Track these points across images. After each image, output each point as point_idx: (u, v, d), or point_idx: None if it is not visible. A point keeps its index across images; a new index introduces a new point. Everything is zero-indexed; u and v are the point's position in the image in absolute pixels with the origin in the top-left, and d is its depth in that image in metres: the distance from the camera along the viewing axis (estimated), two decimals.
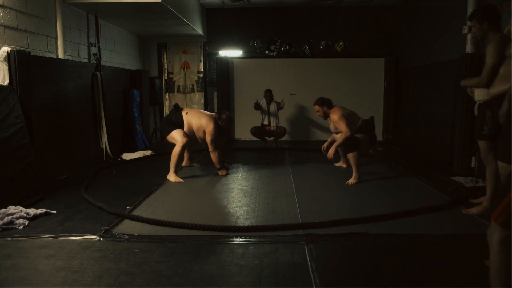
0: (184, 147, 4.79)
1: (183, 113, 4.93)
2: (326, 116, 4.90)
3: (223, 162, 5.12)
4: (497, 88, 3.04)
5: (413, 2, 7.18)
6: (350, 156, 4.59)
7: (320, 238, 2.91)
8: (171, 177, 4.72)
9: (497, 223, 1.69)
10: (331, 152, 4.65)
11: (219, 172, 5.03)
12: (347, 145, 4.61)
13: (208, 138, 4.84)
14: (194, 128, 4.89)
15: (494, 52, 3.06)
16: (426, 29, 6.54)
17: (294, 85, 8.27)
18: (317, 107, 4.91)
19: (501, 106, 2.84)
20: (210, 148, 4.88)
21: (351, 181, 4.52)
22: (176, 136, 4.78)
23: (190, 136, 4.90)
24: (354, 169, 4.56)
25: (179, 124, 4.86)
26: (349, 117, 4.72)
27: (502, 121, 2.83)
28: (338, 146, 4.65)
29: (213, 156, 4.93)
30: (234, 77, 8.39)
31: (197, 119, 4.89)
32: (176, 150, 4.73)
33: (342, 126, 4.61)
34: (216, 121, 4.92)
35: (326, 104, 4.85)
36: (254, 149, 7.17)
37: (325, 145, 4.97)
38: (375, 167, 5.50)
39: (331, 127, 5.02)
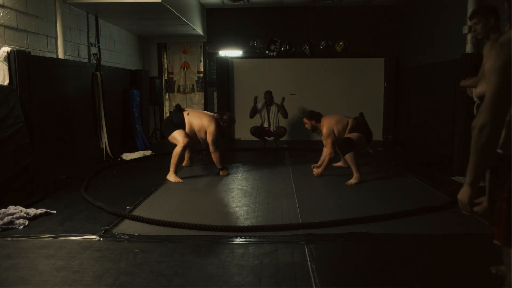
0: (185, 148, 4.79)
1: (185, 113, 4.93)
2: (314, 129, 4.94)
3: (224, 162, 5.11)
4: (482, 87, 3.01)
5: (413, 2, 7.18)
6: (347, 157, 4.58)
7: (320, 238, 2.91)
8: (171, 177, 4.72)
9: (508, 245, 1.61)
10: (318, 172, 4.88)
11: (221, 173, 5.03)
12: (342, 146, 4.62)
13: (209, 139, 4.84)
14: (196, 128, 4.89)
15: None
16: (426, 29, 6.54)
17: (294, 85, 8.27)
18: (305, 119, 4.93)
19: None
20: (211, 148, 4.87)
21: (352, 181, 4.52)
22: (178, 137, 4.78)
23: (192, 136, 4.90)
24: (353, 169, 4.56)
25: (181, 125, 4.86)
26: (338, 125, 4.74)
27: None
28: (326, 167, 4.87)
29: (214, 157, 4.93)
30: (234, 77, 8.39)
31: (198, 119, 4.89)
32: (177, 151, 4.74)
33: (328, 145, 4.74)
34: (217, 121, 4.91)
35: (314, 118, 4.88)
36: (254, 149, 7.17)
37: (316, 164, 5.05)
38: (375, 167, 5.50)
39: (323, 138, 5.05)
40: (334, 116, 4.88)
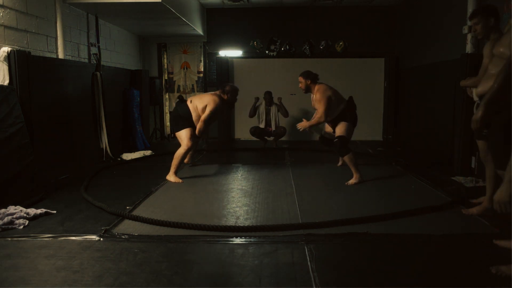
0: (188, 151, 4.76)
1: (188, 102, 4.87)
2: (307, 90, 4.78)
3: (206, 135, 4.93)
4: (483, 87, 3.00)
5: (413, 2, 7.19)
6: (346, 158, 4.53)
7: (320, 238, 2.91)
8: (171, 177, 4.71)
9: None
10: (301, 125, 4.68)
11: (197, 134, 4.86)
12: (340, 149, 4.55)
13: (207, 109, 4.71)
14: (200, 111, 4.80)
15: (491, 53, 3.05)
16: (426, 29, 6.54)
17: (294, 85, 8.19)
18: (301, 78, 4.76)
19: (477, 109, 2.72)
20: (202, 117, 4.73)
21: (352, 181, 4.51)
22: (184, 138, 4.74)
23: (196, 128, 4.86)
24: (353, 170, 4.54)
25: (188, 116, 4.78)
26: (335, 96, 4.62)
27: (473, 127, 2.74)
28: (311, 126, 4.64)
29: (199, 125, 4.75)
30: (234, 77, 8.39)
31: (200, 101, 4.82)
32: (180, 152, 4.71)
33: (320, 109, 4.54)
34: (220, 96, 4.85)
35: (310, 78, 4.72)
36: (254, 149, 7.17)
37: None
38: (375, 167, 5.50)
39: (313, 104, 4.93)
40: (333, 88, 4.74)
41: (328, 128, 5.05)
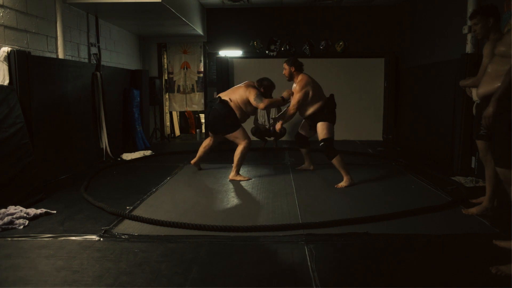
0: (249, 146, 4.76)
1: (228, 101, 4.73)
2: (291, 77, 4.77)
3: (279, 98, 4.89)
4: (484, 88, 3.00)
5: (413, 2, 7.19)
6: (334, 161, 4.45)
7: (320, 238, 2.91)
8: (236, 177, 4.72)
9: None
10: (277, 127, 4.85)
11: (286, 93, 4.86)
12: (327, 153, 4.50)
13: (252, 101, 4.65)
14: (242, 104, 4.74)
15: (491, 52, 3.05)
16: (426, 29, 6.54)
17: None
18: (285, 65, 4.75)
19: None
20: (260, 106, 4.66)
21: (342, 184, 4.40)
22: (241, 137, 4.72)
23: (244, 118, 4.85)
24: (342, 173, 4.45)
25: (233, 115, 4.70)
26: (315, 91, 4.57)
27: (484, 124, 2.76)
28: (284, 120, 4.84)
29: (270, 105, 4.73)
30: (234, 77, 8.38)
31: (237, 95, 4.74)
32: (242, 151, 4.71)
33: (294, 100, 4.59)
34: (255, 88, 4.79)
35: (295, 65, 4.69)
36: (254, 149, 7.16)
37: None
38: (375, 167, 5.50)
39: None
40: (315, 83, 4.67)
41: (303, 127, 5.05)
